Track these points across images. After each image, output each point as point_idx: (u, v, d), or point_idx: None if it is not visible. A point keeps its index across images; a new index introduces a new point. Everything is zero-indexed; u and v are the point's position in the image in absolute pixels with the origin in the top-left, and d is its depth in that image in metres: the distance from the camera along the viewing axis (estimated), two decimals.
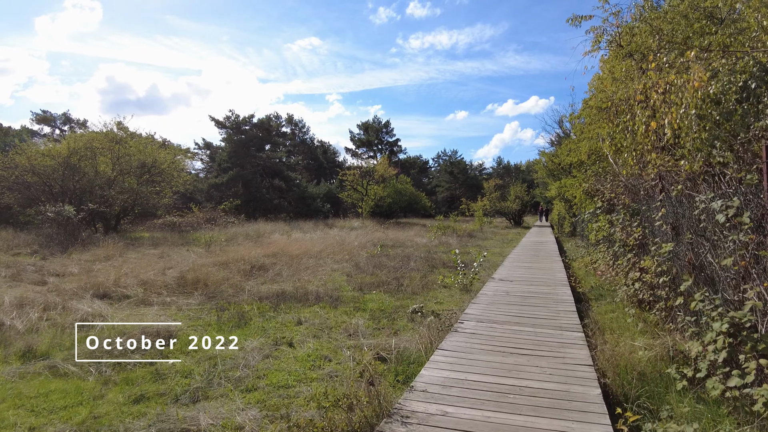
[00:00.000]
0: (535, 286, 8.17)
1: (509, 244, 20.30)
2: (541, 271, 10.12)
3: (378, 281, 9.57)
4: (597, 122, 11.90)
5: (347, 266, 11.93)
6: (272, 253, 13.92)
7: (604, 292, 8.67)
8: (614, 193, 9.35)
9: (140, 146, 21.15)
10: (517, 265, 11.32)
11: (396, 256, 14.43)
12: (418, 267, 12.08)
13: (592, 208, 12.47)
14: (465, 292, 8.85)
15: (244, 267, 11.09)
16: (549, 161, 25.99)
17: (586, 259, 12.82)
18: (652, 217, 6.62)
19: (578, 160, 12.98)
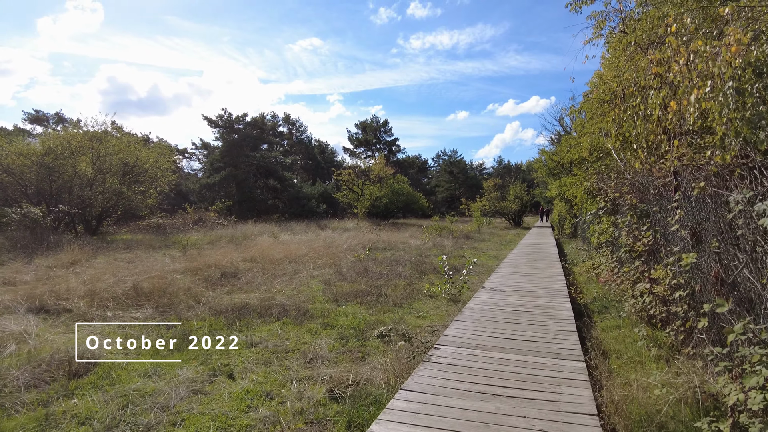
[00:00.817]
0: (531, 298, 7.21)
1: (507, 246, 19.34)
2: (538, 279, 9.17)
3: (357, 290, 8.62)
4: (599, 116, 10.96)
5: (328, 272, 10.99)
6: (251, 258, 12.99)
7: (608, 304, 7.72)
8: (619, 193, 8.40)
9: (122, 145, 20.22)
10: (513, 271, 10.36)
11: (384, 260, 13.49)
12: (406, 273, 11.14)
13: (593, 208, 11.52)
14: (452, 303, 7.91)
15: (213, 274, 10.16)
16: (549, 159, 25.03)
17: (588, 264, 11.86)
18: (666, 220, 5.67)
19: (579, 157, 12.01)
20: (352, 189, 37.62)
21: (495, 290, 7.86)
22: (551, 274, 9.76)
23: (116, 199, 20.65)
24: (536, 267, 11.02)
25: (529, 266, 11.20)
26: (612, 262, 10.53)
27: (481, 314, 6.12)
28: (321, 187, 44.65)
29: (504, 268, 10.93)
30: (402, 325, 6.32)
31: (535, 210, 48.11)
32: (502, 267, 11.09)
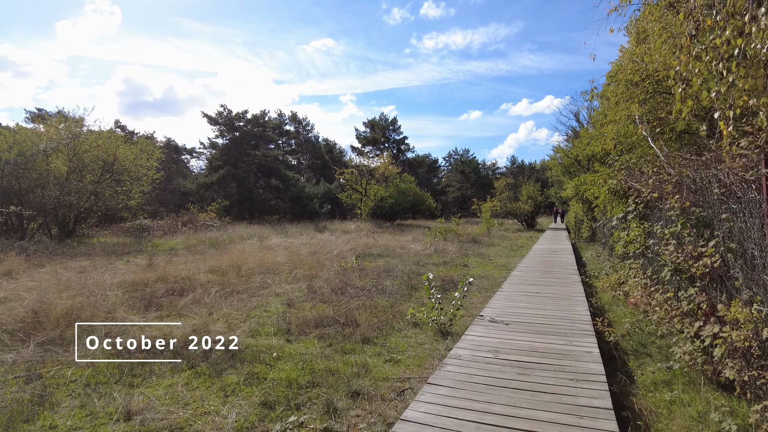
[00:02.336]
0: (543, 337, 5.32)
1: (518, 252, 17.37)
2: (553, 302, 7.26)
3: (322, 317, 6.81)
4: (626, 102, 9.01)
5: (299, 288, 9.21)
6: (219, 268, 11.29)
7: (645, 340, 5.80)
8: (659, 192, 6.46)
9: (99, 141, 18.74)
10: (521, 289, 8.46)
11: (373, 270, 11.68)
12: (393, 288, 9.32)
13: (619, 211, 9.56)
14: (440, 337, 6.07)
15: (157, 290, 8.45)
16: (564, 156, 22.94)
17: (612, 278, 9.90)
18: (749, 234, 3.76)
19: (601, 150, 10.04)
20: (355, 189, 35.88)
21: (495, 322, 5.98)
22: (569, 294, 7.83)
23: (94, 199, 19.16)
24: (550, 282, 9.10)
25: (542, 281, 9.28)
26: (644, 278, 8.57)
27: (470, 369, 4.25)
28: (325, 187, 42.99)
29: (510, 284, 9.02)
30: (360, 380, 4.50)
31: (549, 211, 45.82)
32: (509, 283, 9.18)
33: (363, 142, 64.00)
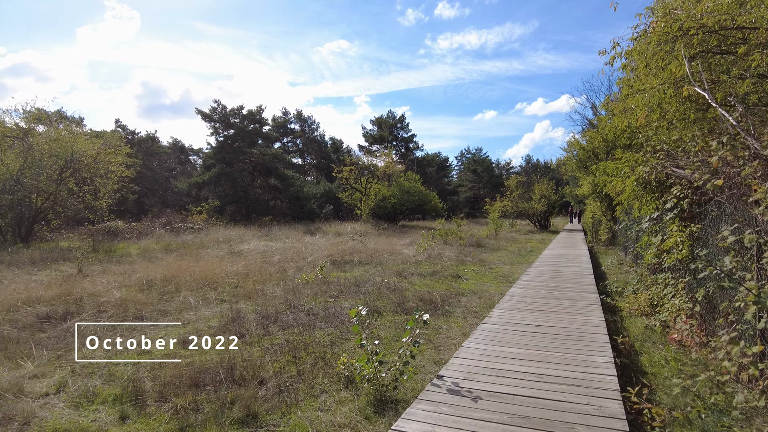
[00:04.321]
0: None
1: (525, 258, 14.93)
2: (558, 345, 4.92)
3: (207, 369, 4.58)
4: (663, 62, 6.58)
5: (223, 313, 6.99)
6: (149, 281, 9.20)
7: (713, 427, 3.43)
8: (726, 177, 4.10)
9: (57, 135, 16.87)
10: (516, 320, 6.10)
11: (340, 284, 9.44)
12: None
13: (650, 209, 7.15)
14: (376, 410, 3.80)
15: (28, 314, 6.34)
16: (580, 149, 20.37)
17: (642, 298, 7.47)
18: None
19: (627, 127, 7.59)
20: (355, 188, 33.64)
21: (458, 393, 3.65)
22: (584, 329, 5.47)
23: (53, 200, 17.30)
24: (559, 307, 6.72)
25: (548, 304, 6.91)
26: (687, 301, 6.16)
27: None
28: (325, 186, 40.84)
29: (504, 309, 6.66)
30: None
31: (564, 211, 42.96)
32: (501, 308, 6.82)
33: (370, 140, 61.71)
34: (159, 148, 50.15)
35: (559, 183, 44.98)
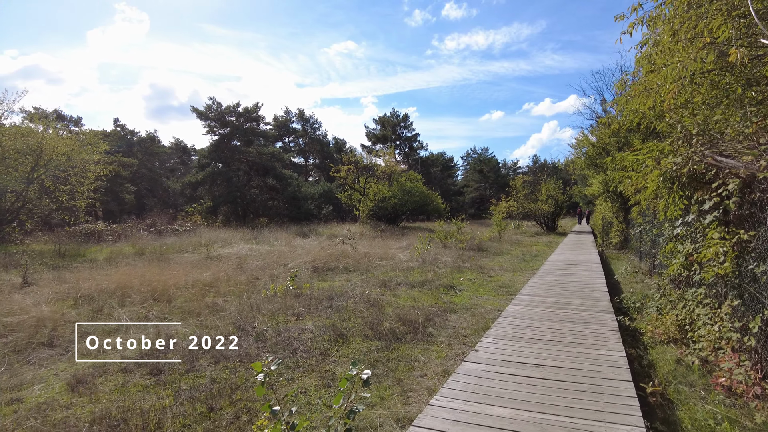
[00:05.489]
0: None
1: (529, 263, 13.56)
2: (565, 398, 3.61)
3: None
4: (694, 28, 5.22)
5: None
6: (87, 294, 7.98)
7: None
8: None
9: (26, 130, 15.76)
10: (511, 356, 4.78)
11: (312, 297, 8.16)
12: (308, 340, 5.76)
13: (676, 210, 5.78)
14: None
15: None
16: (590, 146, 18.93)
17: (669, 320, 6.08)
18: None
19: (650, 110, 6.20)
20: (354, 188, 32.35)
21: None
22: (600, 375, 4.13)
23: (22, 201, 16.18)
24: (565, 334, 5.38)
25: (554, 329, 5.57)
26: (736, 330, 4.79)
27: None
28: (324, 186, 39.58)
29: (496, 337, 5.33)
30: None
31: (572, 212, 41.40)
32: (493, 335, 5.49)
33: (373, 140, 60.38)
34: (159, 148, 49.26)
35: (567, 183, 43.38)
